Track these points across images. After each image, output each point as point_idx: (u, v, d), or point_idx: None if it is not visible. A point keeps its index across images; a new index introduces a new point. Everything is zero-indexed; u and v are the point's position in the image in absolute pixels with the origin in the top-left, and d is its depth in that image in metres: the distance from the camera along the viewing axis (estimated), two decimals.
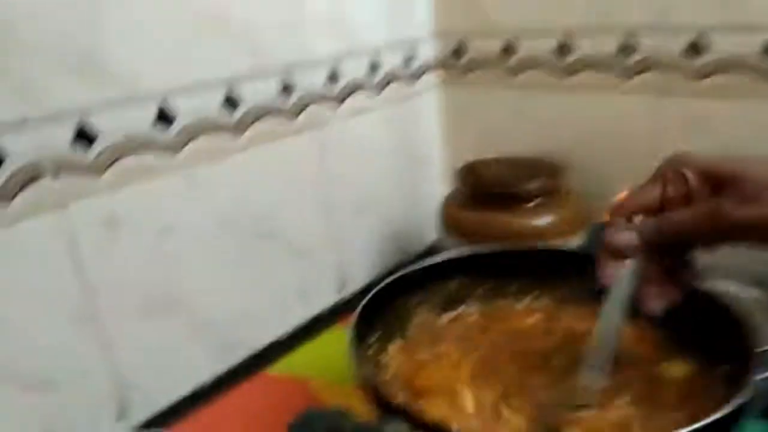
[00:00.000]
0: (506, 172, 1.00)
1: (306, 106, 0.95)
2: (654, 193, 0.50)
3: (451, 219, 1.01)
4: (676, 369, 0.57)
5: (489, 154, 1.07)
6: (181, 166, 0.79)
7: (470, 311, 0.72)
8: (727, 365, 0.54)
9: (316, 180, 0.99)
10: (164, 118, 0.77)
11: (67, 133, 0.68)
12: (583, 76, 1.04)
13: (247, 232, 0.90)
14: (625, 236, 0.49)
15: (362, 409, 0.47)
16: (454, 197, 1.03)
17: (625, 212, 0.51)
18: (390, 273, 0.70)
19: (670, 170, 0.49)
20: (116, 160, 0.72)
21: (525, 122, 1.13)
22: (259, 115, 0.88)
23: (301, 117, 0.94)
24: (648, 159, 0.98)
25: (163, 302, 0.80)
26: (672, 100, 0.97)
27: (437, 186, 1.24)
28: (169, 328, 0.81)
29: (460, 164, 1.03)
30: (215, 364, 0.88)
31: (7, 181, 0.63)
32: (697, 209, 0.46)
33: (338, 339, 0.86)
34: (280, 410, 0.72)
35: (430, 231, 1.10)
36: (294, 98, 0.92)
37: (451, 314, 0.72)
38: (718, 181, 0.46)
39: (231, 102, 0.84)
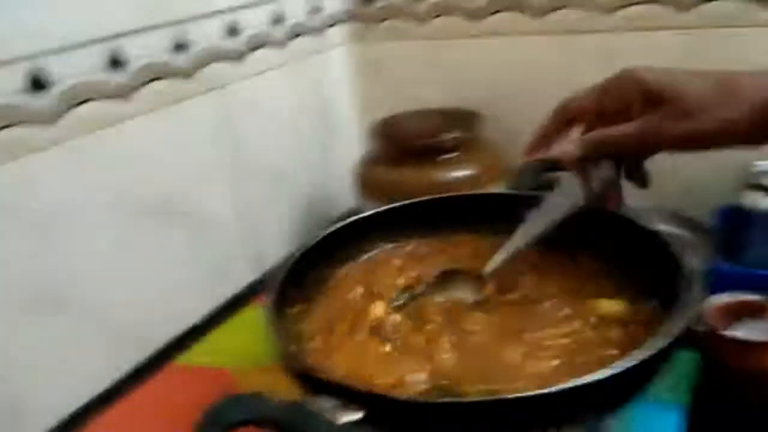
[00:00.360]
0: (421, 125, 0.96)
1: (204, 64, 0.86)
2: (592, 99, 0.52)
3: (367, 179, 0.96)
4: (609, 305, 0.56)
5: (403, 109, 1.02)
6: (61, 138, 0.70)
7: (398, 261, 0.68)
8: (658, 300, 0.54)
9: (222, 147, 0.91)
10: (37, 84, 0.67)
11: None
12: (496, 19, 1.00)
13: (146, 211, 0.81)
14: (568, 148, 0.52)
15: (287, 393, 0.43)
16: (369, 157, 0.98)
17: (565, 114, 0.54)
18: (308, 242, 0.64)
19: (614, 83, 0.51)
20: None
21: (438, 72, 1.09)
22: (150, 75, 0.79)
23: (200, 76, 0.86)
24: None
25: (54, 297, 0.71)
26: (585, 37, 0.95)
27: (352, 147, 1.19)
28: (62, 326, 0.72)
29: (373, 122, 0.98)
30: (119, 361, 0.79)
31: None
32: (628, 127, 0.49)
33: (256, 320, 0.81)
34: (196, 402, 0.66)
35: (349, 195, 1.05)
36: (189, 55, 0.84)
37: (368, 260, 0.68)
38: (657, 97, 0.48)
39: (116, 62, 0.74)
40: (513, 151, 0.99)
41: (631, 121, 0.49)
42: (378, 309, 0.59)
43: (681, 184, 0.95)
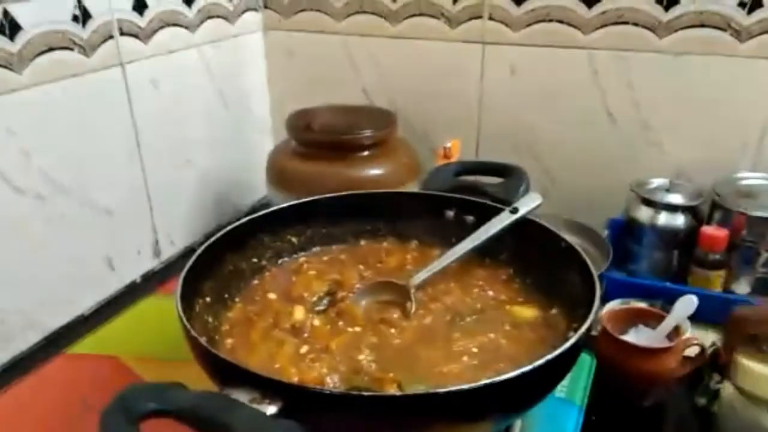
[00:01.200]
0: (338, 120, 0.94)
1: (107, 37, 0.80)
2: None
3: (280, 172, 0.93)
4: (525, 311, 0.59)
5: (318, 101, 1.00)
6: None
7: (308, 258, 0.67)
8: (566, 305, 0.57)
9: (123, 126, 0.85)
10: None
11: None
12: (413, 22, 1.01)
13: (36, 189, 0.74)
14: None
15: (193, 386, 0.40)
16: (282, 149, 0.95)
17: None
18: (214, 233, 0.61)
19: None
20: None
21: (354, 69, 1.08)
22: (46, 46, 0.72)
23: (102, 51, 0.80)
24: (474, 106, 1.04)
25: None
26: (496, 48, 0.98)
27: (264, 138, 1.15)
28: None
29: (287, 113, 0.95)
30: (5, 348, 0.72)
31: None
32: None
33: (155, 310, 0.76)
34: (94, 388, 0.61)
35: (260, 184, 1.01)
36: (91, 27, 0.77)
37: (287, 263, 0.67)
38: None
39: (8, 29, 0.68)
40: (425, 152, 1.01)
41: None
42: (298, 313, 0.58)
43: (580, 196, 1.00)
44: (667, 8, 0.87)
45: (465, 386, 0.40)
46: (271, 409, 0.37)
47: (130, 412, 0.34)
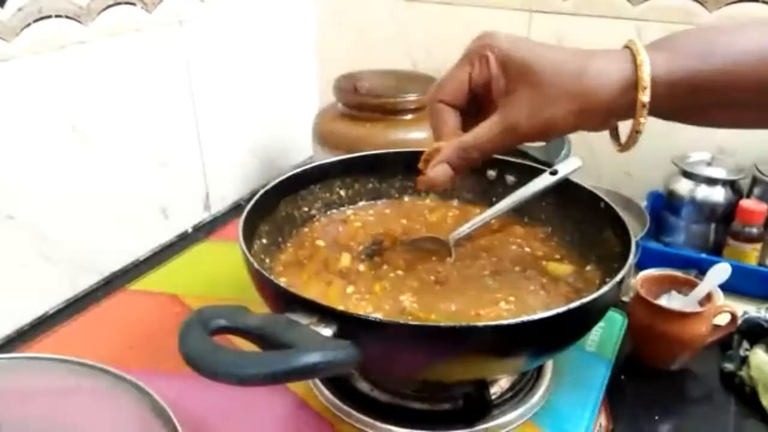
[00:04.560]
0: (383, 84, 0.97)
1: None
2: (462, 78, 0.52)
3: (326, 133, 0.96)
4: (561, 267, 0.61)
5: (364, 67, 1.03)
6: (18, 52, 0.67)
7: (355, 211, 0.71)
8: (603, 264, 0.59)
9: (181, 82, 0.89)
10: None
11: None
12: None
13: (100, 139, 0.79)
14: (439, 170, 0.51)
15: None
16: (329, 111, 0.99)
17: (441, 98, 0.53)
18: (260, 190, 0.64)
19: (476, 54, 0.51)
20: None
21: (400, 35, 1.10)
22: (113, 0, 0.76)
23: (162, 7, 0.83)
24: None
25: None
26: (543, 16, 0.99)
27: (311, 99, 1.19)
28: (5, 249, 0.70)
29: (334, 77, 0.98)
30: (63, 290, 0.78)
31: None
32: (491, 130, 0.49)
33: (209, 254, 0.81)
34: (152, 320, 0.66)
35: (304, 146, 1.04)
36: None
37: (335, 215, 0.70)
38: (512, 69, 0.49)
39: None
40: None
41: (491, 98, 0.50)
42: (345, 259, 0.61)
43: (620, 167, 1.01)
44: None
45: (503, 322, 0.43)
46: (327, 332, 0.41)
47: (206, 325, 0.38)
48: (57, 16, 0.70)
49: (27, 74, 0.69)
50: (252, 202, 0.58)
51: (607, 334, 0.65)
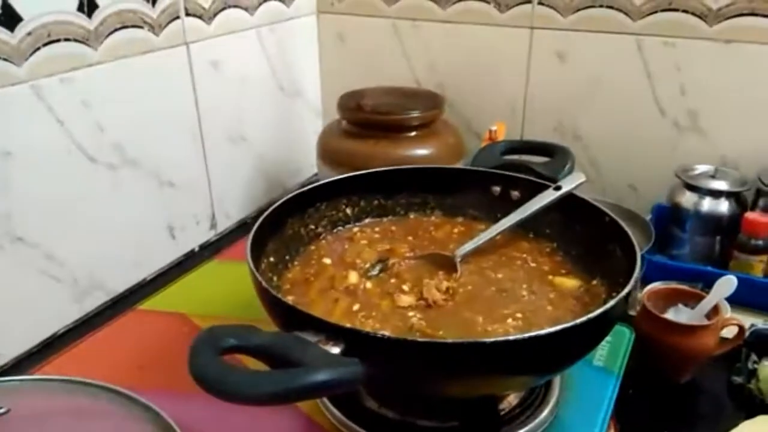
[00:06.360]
0: (386, 101, 0.98)
1: (174, 17, 0.85)
2: None
3: (330, 150, 0.97)
4: (567, 281, 0.62)
5: (367, 84, 1.04)
6: (27, 77, 0.68)
7: (360, 228, 0.71)
8: (609, 279, 0.59)
9: (186, 102, 0.91)
10: (10, 17, 0.65)
11: None
12: (462, 6, 1.03)
13: (108, 159, 0.80)
14: None
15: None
16: (333, 128, 0.99)
17: None
18: (267, 207, 0.64)
19: None
20: None
21: (402, 52, 1.11)
22: (120, 23, 0.77)
23: (168, 30, 0.85)
24: (520, 91, 1.06)
25: (10, 235, 0.69)
26: (543, 32, 1.00)
27: (314, 117, 1.20)
28: (15, 270, 0.71)
29: (337, 95, 0.99)
30: (72, 311, 0.79)
31: None
32: None
33: (215, 274, 0.81)
34: (161, 340, 0.66)
35: (308, 165, 1.05)
36: (160, 6, 0.82)
37: (341, 232, 0.71)
38: None
39: (88, 5, 0.73)
40: (470, 136, 1.04)
41: None
42: (352, 277, 0.61)
43: (624, 182, 1.01)
44: None
45: (510, 337, 0.44)
46: (335, 350, 0.41)
47: (216, 344, 0.39)
48: (66, 39, 0.72)
49: (36, 97, 0.70)
50: (260, 220, 0.58)
51: (614, 349, 0.65)
